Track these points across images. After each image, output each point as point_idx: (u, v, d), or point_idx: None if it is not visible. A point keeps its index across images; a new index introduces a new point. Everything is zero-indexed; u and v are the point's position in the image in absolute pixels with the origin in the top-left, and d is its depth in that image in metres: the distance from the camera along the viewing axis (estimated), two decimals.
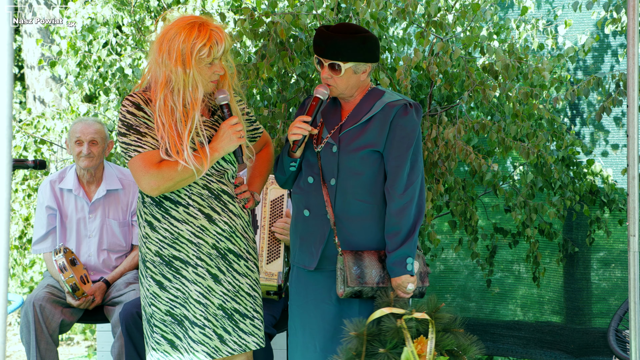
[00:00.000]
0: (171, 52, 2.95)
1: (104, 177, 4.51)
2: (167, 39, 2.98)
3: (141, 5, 5.80)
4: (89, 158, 4.40)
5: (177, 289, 3.11)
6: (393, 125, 3.26)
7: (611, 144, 5.33)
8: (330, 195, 3.27)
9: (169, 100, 2.97)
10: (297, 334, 3.42)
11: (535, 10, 5.39)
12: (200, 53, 2.95)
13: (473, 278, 5.71)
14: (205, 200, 3.10)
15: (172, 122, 2.97)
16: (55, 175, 4.54)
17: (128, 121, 3.01)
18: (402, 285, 3.25)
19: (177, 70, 2.94)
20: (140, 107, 3.01)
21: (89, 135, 4.40)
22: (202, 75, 2.98)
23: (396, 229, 3.23)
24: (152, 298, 3.14)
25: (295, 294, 3.42)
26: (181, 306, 3.11)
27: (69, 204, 4.49)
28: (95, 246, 4.51)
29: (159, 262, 3.10)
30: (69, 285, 4.21)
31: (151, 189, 3.00)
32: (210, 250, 3.10)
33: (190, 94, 2.97)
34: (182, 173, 2.97)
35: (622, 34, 5.19)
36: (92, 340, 7.07)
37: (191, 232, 3.08)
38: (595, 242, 5.34)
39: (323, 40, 3.24)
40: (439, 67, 4.67)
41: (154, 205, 3.10)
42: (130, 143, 3.00)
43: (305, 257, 3.35)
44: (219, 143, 3.06)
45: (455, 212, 5.02)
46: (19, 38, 9.61)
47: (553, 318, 5.57)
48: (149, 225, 3.12)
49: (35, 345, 4.23)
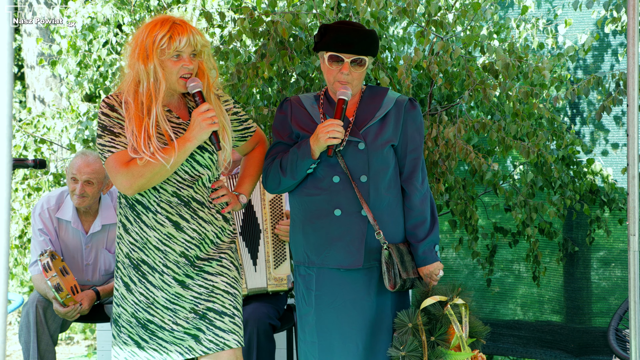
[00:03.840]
0: (135, 49, 2.99)
1: (100, 210, 4.43)
2: (135, 39, 3.03)
3: (141, 5, 5.80)
4: (81, 198, 4.30)
5: (140, 293, 3.09)
6: (404, 119, 3.35)
7: (611, 143, 5.33)
8: (363, 192, 3.29)
9: (136, 96, 2.99)
10: (333, 336, 3.34)
11: (536, 9, 5.39)
12: (161, 44, 2.94)
13: (473, 277, 5.71)
14: (174, 207, 3.06)
15: (138, 117, 2.97)
16: (53, 200, 4.43)
17: (103, 122, 3.02)
18: (434, 272, 3.37)
19: (140, 65, 2.96)
20: (114, 109, 3.02)
21: (84, 175, 4.28)
22: (166, 69, 2.97)
23: (422, 217, 3.36)
24: (119, 299, 3.14)
25: (324, 296, 3.35)
26: (144, 311, 3.09)
27: (67, 234, 4.44)
28: (92, 273, 4.52)
29: (128, 264, 3.10)
30: (53, 285, 4.11)
31: (125, 188, 3.00)
32: (178, 258, 3.07)
33: (152, 85, 2.96)
34: (150, 167, 2.95)
35: (622, 33, 5.19)
36: (92, 339, 7.07)
37: (158, 239, 3.06)
38: (595, 242, 5.34)
39: (349, 35, 3.24)
40: (439, 66, 4.67)
41: (128, 207, 3.10)
42: (105, 144, 3.01)
43: (342, 257, 3.31)
44: (190, 132, 3.01)
45: (455, 212, 5.02)
46: (19, 37, 9.61)
47: (553, 317, 5.57)
48: (123, 227, 3.12)
49: (36, 345, 4.23)
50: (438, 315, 3.22)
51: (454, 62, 4.89)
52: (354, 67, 3.25)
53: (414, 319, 3.20)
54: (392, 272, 3.28)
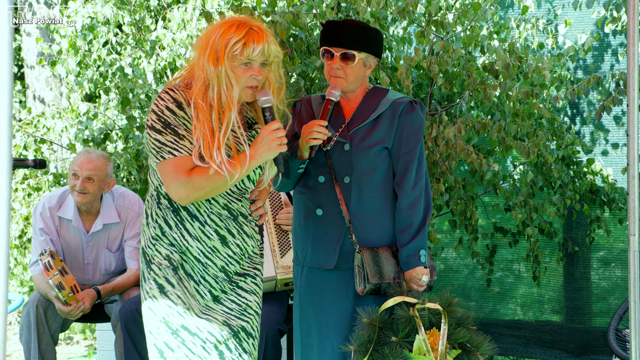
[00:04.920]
0: (206, 48, 2.77)
1: (102, 209, 4.43)
2: (207, 36, 2.80)
3: (141, 5, 5.80)
4: (81, 195, 4.30)
5: (178, 296, 2.83)
6: (400, 122, 3.32)
7: (611, 143, 5.33)
8: (344, 193, 3.29)
9: (205, 99, 2.77)
10: (312, 334, 3.37)
11: (536, 9, 5.39)
12: (233, 49, 2.73)
13: (473, 277, 5.71)
14: (224, 221, 2.88)
15: (208, 122, 2.75)
16: (54, 199, 4.43)
17: (166, 118, 2.77)
18: (416, 277, 3.31)
19: (210, 66, 2.75)
20: (182, 107, 2.78)
21: (86, 171, 4.28)
22: (235, 75, 2.77)
23: (408, 222, 3.30)
24: (150, 302, 2.86)
25: (308, 294, 3.38)
26: (179, 315, 2.82)
27: (68, 233, 4.44)
28: (92, 272, 4.53)
29: (167, 265, 2.85)
30: (55, 284, 4.11)
31: (180, 197, 2.77)
32: (217, 273, 2.89)
33: (226, 92, 2.75)
34: (213, 180, 2.74)
35: (622, 33, 5.19)
36: (92, 339, 7.07)
37: (201, 250, 2.87)
38: (595, 242, 5.34)
39: (337, 29, 3.25)
40: (440, 66, 4.67)
41: (171, 210, 2.87)
42: (166, 143, 2.76)
43: (321, 256, 3.33)
44: (256, 150, 2.79)
45: (455, 212, 5.02)
46: (19, 37, 9.61)
47: (553, 317, 5.57)
48: (159, 228, 2.88)
49: (37, 345, 4.23)
50: (404, 316, 3.16)
51: (454, 62, 4.89)
52: (344, 61, 3.24)
53: (372, 316, 3.18)
54: (362, 276, 3.26)
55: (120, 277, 4.45)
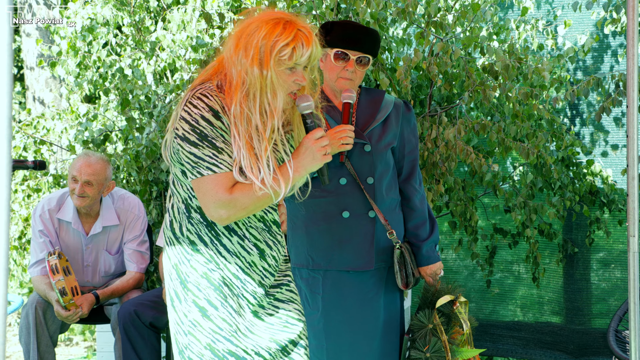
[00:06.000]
0: (248, 49, 2.46)
1: (101, 211, 4.43)
2: (246, 33, 2.49)
3: (141, 6, 5.80)
4: (80, 198, 4.30)
5: (223, 319, 2.58)
6: (402, 121, 3.39)
7: (611, 144, 5.33)
8: (370, 194, 3.31)
9: (244, 107, 2.46)
10: (343, 337, 3.33)
11: (535, 10, 5.39)
12: (281, 53, 2.44)
13: (473, 278, 5.70)
14: (261, 233, 2.64)
15: (249, 132, 2.47)
16: (54, 201, 4.43)
17: (202, 130, 2.46)
18: (436, 272, 3.42)
19: (253, 70, 2.44)
20: (219, 116, 2.47)
21: (84, 175, 4.28)
22: (281, 80, 2.48)
23: (423, 218, 3.41)
24: (190, 326, 2.59)
25: (332, 298, 3.33)
26: (226, 340, 2.57)
27: (67, 235, 4.44)
28: (91, 274, 4.52)
29: (207, 285, 2.58)
30: (58, 288, 4.11)
31: (220, 218, 2.50)
32: (256, 289, 2.64)
33: (269, 100, 2.46)
34: (258, 199, 2.48)
35: (621, 34, 5.19)
36: (92, 340, 7.06)
37: (239, 267, 2.61)
38: (595, 243, 5.34)
39: (357, 32, 3.25)
40: (439, 67, 4.68)
41: (204, 225, 2.60)
42: (203, 158, 2.46)
43: (352, 259, 3.31)
44: (300, 161, 2.52)
45: (455, 213, 5.02)
46: (18, 38, 9.61)
47: (553, 318, 5.57)
48: (191, 245, 2.60)
49: (36, 346, 4.23)
50: (449, 313, 3.26)
51: (454, 63, 4.89)
52: (359, 65, 3.26)
53: (432, 319, 3.24)
54: (404, 272, 3.32)
55: (119, 281, 4.44)
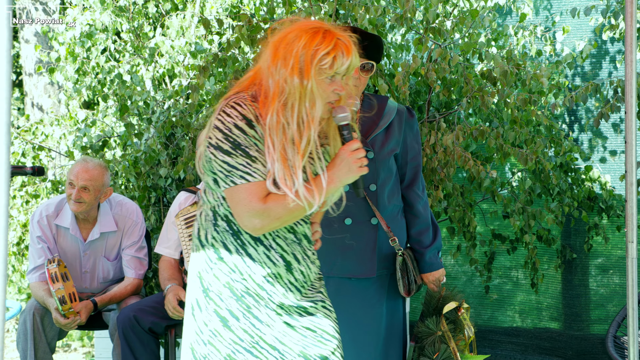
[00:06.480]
0: (287, 58, 2.44)
1: (99, 217, 4.41)
2: (284, 43, 2.49)
3: (140, 12, 5.81)
4: (77, 204, 4.27)
5: (244, 330, 2.54)
6: (405, 128, 3.39)
7: (609, 150, 5.33)
8: (372, 200, 3.30)
9: (281, 117, 2.42)
10: (346, 345, 3.24)
11: (534, 16, 5.40)
12: (322, 62, 2.42)
13: (471, 284, 5.70)
14: (289, 245, 2.58)
15: (283, 143, 2.43)
16: (52, 207, 4.41)
17: (236, 138, 2.43)
18: (439, 278, 3.40)
19: (293, 80, 2.41)
20: (253, 125, 2.44)
21: (82, 180, 4.26)
22: (321, 90, 2.44)
23: (426, 224, 3.40)
24: (210, 336, 2.56)
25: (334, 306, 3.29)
26: (246, 351, 2.53)
27: (65, 241, 4.43)
28: (89, 280, 4.51)
29: (229, 295, 2.55)
30: (58, 297, 4.09)
31: (253, 228, 2.47)
32: (283, 300, 2.58)
33: (307, 110, 2.42)
34: (291, 210, 2.44)
35: (620, 40, 5.20)
36: (90, 347, 7.05)
37: (264, 277, 2.55)
38: (593, 249, 5.34)
39: (363, 38, 3.23)
40: (438, 73, 4.68)
41: (231, 234, 2.56)
42: (237, 167, 2.44)
43: (354, 266, 3.31)
44: (335, 172, 2.49)
45: (453, 219, 5.02)
46: (17, 44, 9.62)
47: (551, 324, 5.57)
48: (216, 253, 2.57)
49: (33, 353, 4.22)
50: (454, 320, 3.26)
51: (452, 69, 4.90)
52: (362, 71, 3.24)
53: (440, 326, 3.24)
54: (406, 279, 3.32)
55: (117, 287, 4.43)
